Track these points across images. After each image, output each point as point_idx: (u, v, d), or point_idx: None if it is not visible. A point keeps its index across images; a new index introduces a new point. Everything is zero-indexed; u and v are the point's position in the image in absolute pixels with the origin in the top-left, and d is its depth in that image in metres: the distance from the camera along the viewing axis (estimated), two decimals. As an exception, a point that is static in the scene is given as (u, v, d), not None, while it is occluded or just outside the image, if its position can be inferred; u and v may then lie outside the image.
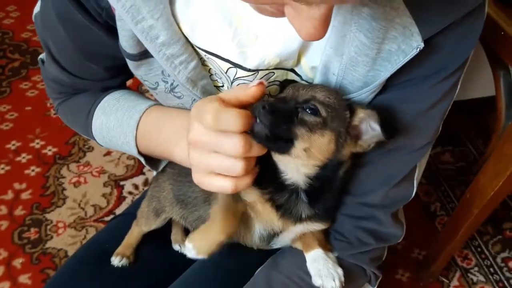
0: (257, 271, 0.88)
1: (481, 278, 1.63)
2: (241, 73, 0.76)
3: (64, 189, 1.86)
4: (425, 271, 1.54)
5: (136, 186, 1.89)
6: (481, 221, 1.30)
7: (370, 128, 0.73)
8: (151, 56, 0.76)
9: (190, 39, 0.74)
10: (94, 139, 0.95)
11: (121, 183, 1.90)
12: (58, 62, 0.88)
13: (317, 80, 0.77)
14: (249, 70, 0.75)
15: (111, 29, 0.76)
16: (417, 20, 0.66)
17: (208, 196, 0.90)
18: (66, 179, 1.90)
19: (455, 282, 1.62)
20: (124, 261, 1.01)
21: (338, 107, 0.72)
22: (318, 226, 0.83)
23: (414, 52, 0.67)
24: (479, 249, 1.71)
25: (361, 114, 0.73)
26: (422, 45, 0.66)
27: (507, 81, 1.07)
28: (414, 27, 0.66)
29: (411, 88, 0.75)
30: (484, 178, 1.18)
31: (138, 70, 0.80)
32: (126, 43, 0.75)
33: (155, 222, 1.03)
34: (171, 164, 0.99)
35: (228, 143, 0.63)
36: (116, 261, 1.00)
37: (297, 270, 0.84)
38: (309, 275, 0.81)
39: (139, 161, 2.07)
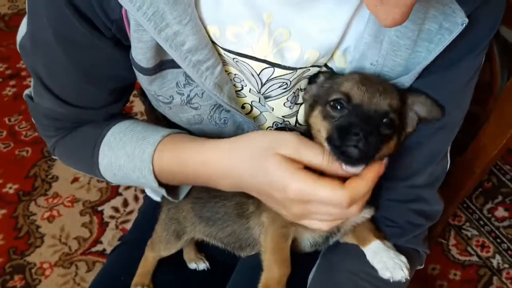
0: (312, 275, 0.86)
1: (474, 232, 1.71)
2: (278, 72, 0.73)
3: (38, 226, 1.72)
4: (428, 239, 1.57)
5: (116, 209, 1.78)
6: (479, 179, 1.34)
7: (411, 113, 0.74)
8: (166, 68, 0.72)
9: (218, 42, 0.71)
10: (103, 178, 0.87)
11: (99, 208, 1.78)
12: (52, 92, 0.79)
13: (350, 69, 0.74)
14: (288, 68, 0.72)
15: (118, 45, 0.72)
16: None
17: (243, 211, 0.86)
18: (37, 216, 1.76)
19: (452, 241, 1.68)
20: None
21: (402, 107, 0.72)
22: (367, 213, 0.81)
23: (460, 29, 0.66)
24: (465, 205, 1.78)
25: (408, 100, 0.74)
26: (466, 20, 0.66)
27: (499, 41, 1.09)
28: (454, 4, 0.66)
29: (455, 66, 0.74)
30: (485, 138, 1.20)
31: (151, 85, 0.75)
32: (142, 57, 0.70)
33: (176, 245, 0.98)
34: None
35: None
36: None
37: (359, 265, 0.82)
38: (373, 269, 0.80)
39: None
